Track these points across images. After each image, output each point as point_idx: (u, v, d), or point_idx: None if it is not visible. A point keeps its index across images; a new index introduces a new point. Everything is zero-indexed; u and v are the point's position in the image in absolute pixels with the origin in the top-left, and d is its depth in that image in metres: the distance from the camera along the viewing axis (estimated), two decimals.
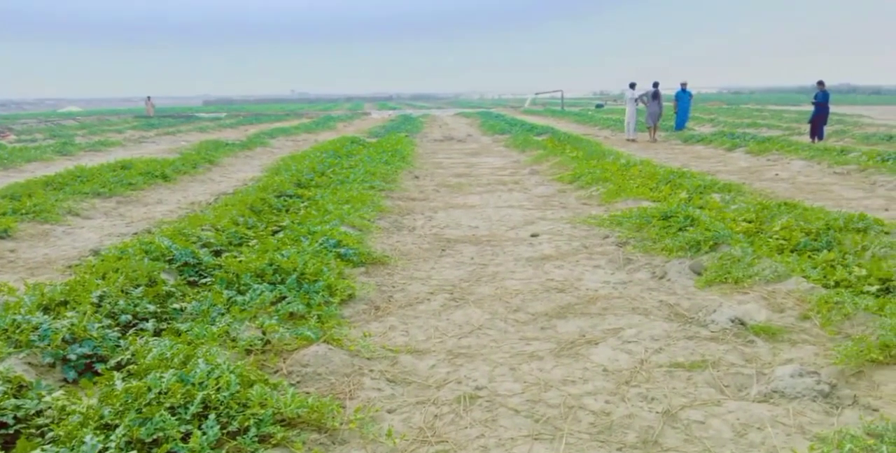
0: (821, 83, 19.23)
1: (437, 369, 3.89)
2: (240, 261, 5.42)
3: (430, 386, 3.67)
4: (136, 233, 7.76)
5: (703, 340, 4.25)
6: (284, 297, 4.77)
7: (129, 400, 3.01)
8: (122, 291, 4.67)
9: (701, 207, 8.18)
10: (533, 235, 7.41)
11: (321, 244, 6.08)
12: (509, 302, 5.13)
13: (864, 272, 5.38)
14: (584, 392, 3.54)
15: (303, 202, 9.19)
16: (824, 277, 5.41)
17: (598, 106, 54.64)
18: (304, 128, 29.07)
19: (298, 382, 3.68)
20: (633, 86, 21.37)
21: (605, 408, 3.33)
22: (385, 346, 4.26)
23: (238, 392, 3.21)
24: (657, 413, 3.27)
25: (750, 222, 7.29)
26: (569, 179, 11.38)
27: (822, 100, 18.94)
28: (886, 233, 6.78)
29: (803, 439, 3.00)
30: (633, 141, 20.71)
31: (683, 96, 22.78)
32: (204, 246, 6.37)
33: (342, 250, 6.08)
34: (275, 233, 7.24)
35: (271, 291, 4.79)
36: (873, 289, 5.11)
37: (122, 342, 3.99)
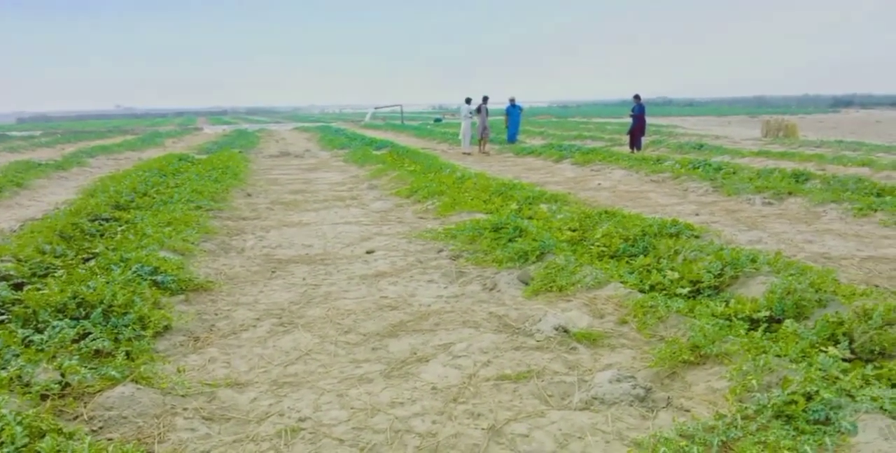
0: (637, 97, 20.67)
1: (259, 402, 3.68)
2: (40, 295, 4.90)
3: (250, 421, 3.45)
4: None
5: (529, 350, 4.33)
6: (89, 333, 4.34)
7: None
8: None
9: (530, 218, 8.45)
10: (368, 252, 7.31)
11: (135, 272, 5.63)
12: (341, 323, 4.99)
13: (676, 275, 5.74)
14: (411, 413, 3.47)
15: (121, 226, 8.53)
16: (641, 281, 5.72)
17: (437, 120, 55.71)
18: (128, 146, 27.30)
19: (101, 428, 3.33)
20: (468, 101, 21.96)
21: (432, 429, 3.28)
22: (202, 381, 3.97)
23: (26, 445, 2.85)
24: (483, 429, 3.26)
25: (574, 230, 7.61)
26: (406, 193, 11.41)
27: (638, 112, 20.36)
28: (696, 236, 7.30)
29: (621, 445, 3.09)
30: (469, 154, 21.23)
31: (513, 111, 23.73)
32: (2, 279, 5.71)
33: (159, 277, 5.66)
34: (87, 260, 6.65)
35: (73, 327, 4.34)
36: (685, 291, 5.45)
37: None
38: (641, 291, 5.43)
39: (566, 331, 4.57)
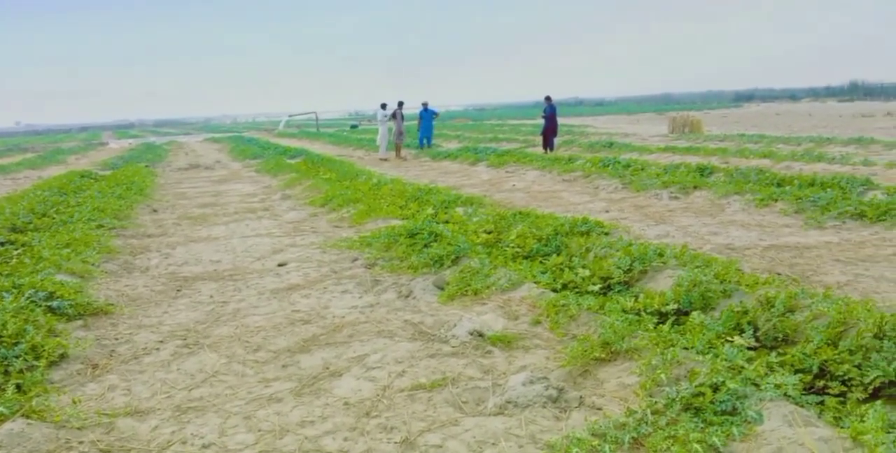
0: (548, 98, 21.03)
1: (160, 430, 3.48)
2: None
3: (150, 451, 3.25)
4: None
5: (444, 357, 4.26)
6: None
7: None
8: None
9: (446, 222, 8.43)
10: (280, 264, 7.12)
11: (28, 298, 5.29)
12: (250, 341, 4.81)
13: (587, 272, 5.80)
14: (322, 432, 3.34)
15: (17, 249, 8.04)
16: (554, 280, 5.75)
17: (354, 126, 55.37)
18: (28, 164, 25.96)
19: None
20: (384, 106, 21.86)
21: (343, 447, 3.17)
22: (100, 411, 3.73)
23: None
24: (396, 443, 3.17)
25: (489, 233, 7.62)
26: (321, 202, 11.22)
27: (550, 113, 20.71)
28: (606, 233, 7.42)
29: (535, 449, 3.06)
30: (386, 160, 21.13)
31: (426, 115, 23.76)
32: None
33: (55, 303, 5.33)
34: None
35: None
36: (596, 287, 5.52)
37: None
38: (554, 290, 5.46)
39: (481, 335, 4.54)
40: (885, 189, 9.19)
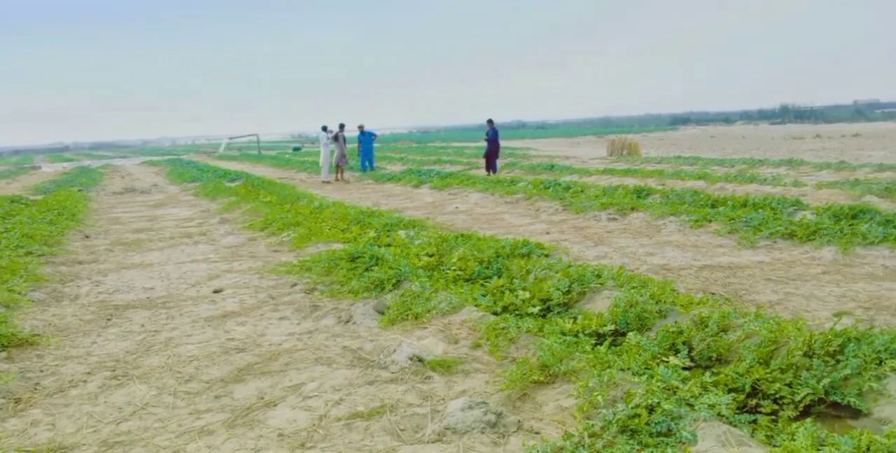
0: (490, 121, 21.27)
1: None
2: None
3: None
4: None
5: (383, 383, 4.20)
6: None
7: None
8: None
9: (388, 245, 8.37)
10: (216, 291, 6.94)
11: None
12: (181, 371, 4.65)
13: (528, 294, 5.81)
14: None
15: None
16: (494, 303, 5.75)
17: (296, 148, 54.97)
18: None
19: None
20: (325, 129, 21.76)
21: None
22: (21, 448, 3.54)
23: None
24: None
25: (431, 256, 7.59)
26: (260, 226, 11.03)
27: (493, 136, 20.93)
28: (547, 255, 7.47)
29: None
30: (329, 182, 21.00)
31: (364, 138, 23.74)
32: None
33: None
34: None
35: None
36: (536, 309, 5.53)
37: None
38: (495, 313, 5.45)
39: (421, 360, 4.49)
40: (814, 209, 9.53)
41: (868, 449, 2.83)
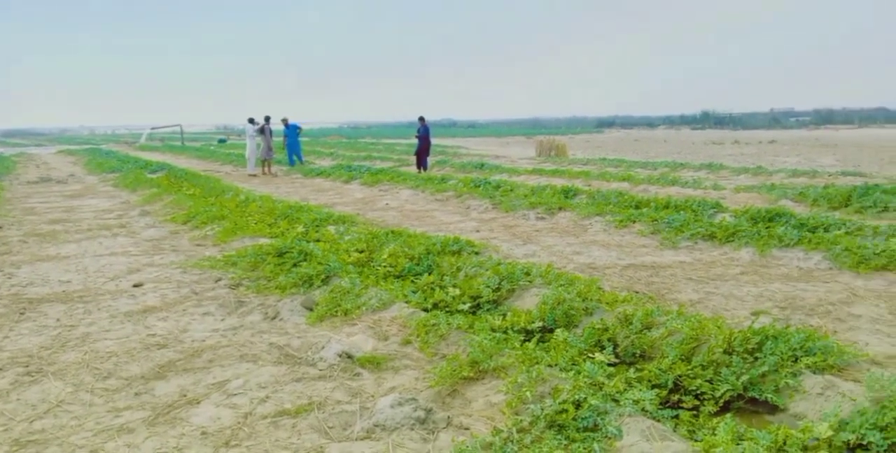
0: (422, 119, 21.26)
1: None
2: None
3: None
4: None
5: (311, 380, 4.13)
6: None
7: None
8: None
9: (317, 240, 8.26)
10: (136, 285, 6.69)
11: None
12: (99, 368, 4.46)
13: (458, 291, 5.83)
14: None
15: None
16: (425, 300, 5.74)
17: (221, 141, 53.70)
18: None
19: None
20: (251, 121, 21.31)
21: None
22: None
23: None
24: None
25: (361, 252, 7.52)
26: (183, 219, 10.70)
27: (424, 133, 20.93)
28: (477, 252, 7.53)
29: None
30: (255, 176, 20.57)
31: (290, 131, 23.34)
32: None
33: None
34: None
35: None
36: (466, 306, 5.56)
37: None
38: (425, 310, 5.44)
39: (350, 356, 4.44)
40: (733, 212, 9.90)
41: (785, 443, 2.95)
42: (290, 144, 23.55)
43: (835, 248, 7.12)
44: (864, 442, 3.03)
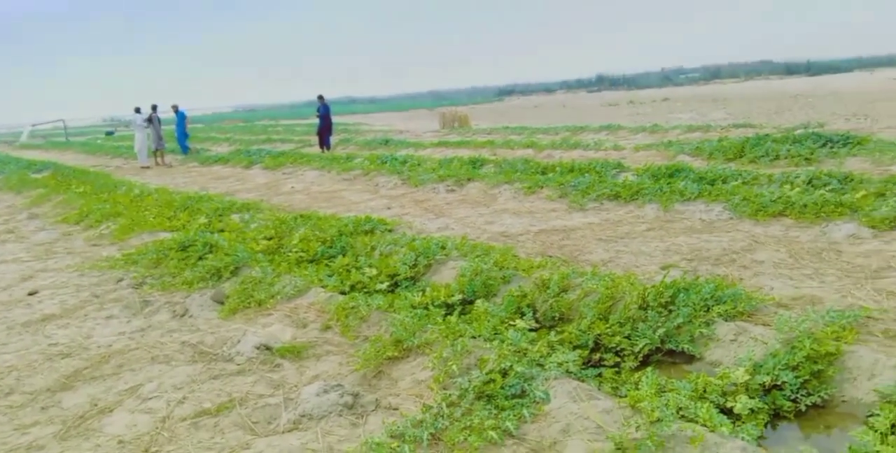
0: (321, 97, 20.81)
1: None
2: None
3: None
4: None
5: (229, 377, 3.98)
6: None
7: None
8: None
9: (221, 231, 7.98)
10: (31, 293, 6.27)
11: None
12: None
13: (375, 271, 5.75)
14: None
15: None
16: (342, 283, 5.63)
17: (109, 133, 51.10)
18: None
19: None
20: (138, 110, 20.31)
21: None
22: None
23: None
24: None
25: (270, 239, 7.32)
26: (76, 219, 10.12)
27: (324, 112, 20.51)
28: (390, 230, 7.45)
29: None
30: (148, 168, 19.69)
31: (180, 119, 22.35)
32: None
33: None
34: None
35: None
36: (384, 285, 5.49)
37: None
38: (342, 293, 5.34)
39: (268, 348, 4.30)
40: (635, 170, 10.17)
41: (705, 390, 3.05)
42: (181, 132, 22.57)
43: (734, 199, 7.41)
44: (779, 383, 3.16)
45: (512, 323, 4.31)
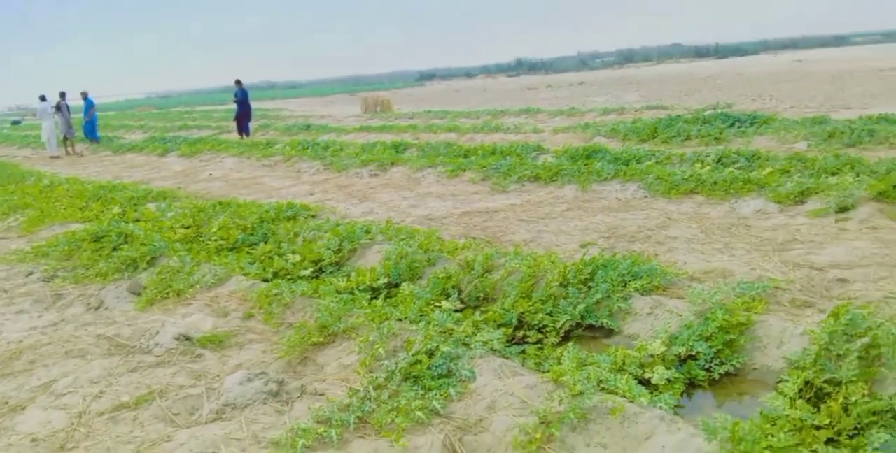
0: (238, 82, 20.28)
1: None
2: None
3: None
4: None
5: (148, 368, 3.87)
6: None
7: None
8: None
9: (136, 220, 7.72)
10: None
11: None
12: None
13: (298, 257, 5.68)
14: None
15: None
16: (264, 270, 5.55)
17: (16, 122, 48.52)
18: None
19: None
20: (43, 98, 19.33)
21: None
22: None
23: None
24: None
25: (188, 227, 7.13)
26: None
27: (242, 97, 19.99)
28: (314, 216, 7.36)
29: (259, 449, 2.90)
30: (59, 157, 18.81)
31: (89, 106, 21.34)
32: None
33: None
34: None
35: None
36: (308, 272, 5.43)
37: None
38: (265, 280, 5.26)
39: (189, 338, 4.19)
40: (554, 152, 10.35)
41: (623, 362, 3.15)
42: (92, 119, 21.58)
43: (648, 178, 7.64)
44: (694, 353, 3.30)
45: (438, 304, 4.34)
